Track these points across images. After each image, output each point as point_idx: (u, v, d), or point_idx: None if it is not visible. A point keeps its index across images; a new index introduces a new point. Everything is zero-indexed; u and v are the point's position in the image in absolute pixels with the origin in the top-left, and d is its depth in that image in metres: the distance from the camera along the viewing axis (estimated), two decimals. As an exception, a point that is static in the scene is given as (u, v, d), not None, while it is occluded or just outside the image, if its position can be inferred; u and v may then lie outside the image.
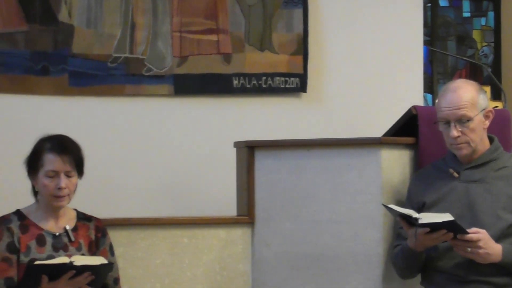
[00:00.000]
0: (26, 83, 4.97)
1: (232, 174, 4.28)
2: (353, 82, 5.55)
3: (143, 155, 5.17)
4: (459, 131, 3.44)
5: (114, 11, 5.15)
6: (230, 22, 5.33)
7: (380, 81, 5.59)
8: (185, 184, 5.19)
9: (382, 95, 5.53)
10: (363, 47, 5.58)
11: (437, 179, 3.56)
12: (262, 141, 4.12)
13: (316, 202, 3.94)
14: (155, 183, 5.15)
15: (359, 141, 3.91)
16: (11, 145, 4.78)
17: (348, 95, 5.52)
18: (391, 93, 5.52)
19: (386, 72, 5.60)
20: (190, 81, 5.26)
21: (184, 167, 5.21)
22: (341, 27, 5.56)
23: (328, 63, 5.54)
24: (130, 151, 5.15)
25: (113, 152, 5.07)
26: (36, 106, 4.98)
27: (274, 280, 4.01)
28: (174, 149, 5.21)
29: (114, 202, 4.89)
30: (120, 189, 5.06)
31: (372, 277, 3.83)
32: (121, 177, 5.09)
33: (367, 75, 5.58)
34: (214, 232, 4.05)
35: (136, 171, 5.14)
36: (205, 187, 5.15)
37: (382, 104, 5.41)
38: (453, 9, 6.80)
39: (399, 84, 5.60)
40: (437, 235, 3.33)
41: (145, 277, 3.94)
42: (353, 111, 5.46)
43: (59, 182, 3.43)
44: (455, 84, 3.53)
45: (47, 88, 5.02)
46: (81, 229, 3.55)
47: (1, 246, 3.40)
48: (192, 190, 5.17)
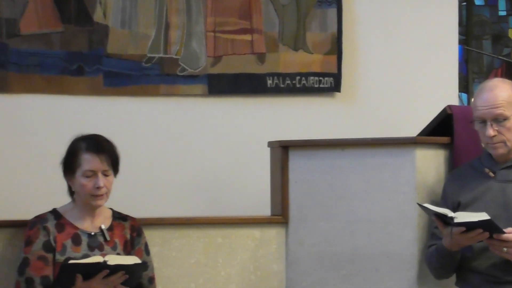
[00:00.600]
0: (62, 83, 5.00)
1: (266, 174, 4.29)
2: (387, 81, 5.53)
3: (177, 154, 5.18)
4: (495, 130, 3.43)
5: (148, 12, 5.17)
6: (264, 21, 5.33)
7: (414, 80, 5.56)
8: (219, 184, 5.19)
9: (416, 95, 5.50)
10: (397, 46, 5.56)
11: (472, 178, 3.55)
12: (296, 141, 4.12)
13: (350, 202, 3.95)
14: (189, 183, 5.16)
15: (394, 140, 3.91)
16: (46, 145, 4.81)
17: (382, 94, 5.50)
18: (425, 93, 5.49)
19: (420, 72, 5.58)
20: (224, 81, 5.27)
21: (218, 166, 5.21)
22: (375, 27, 5.54)
23: (362, 62, 5.52)
24: (164, 151, 5.16)
25: (147, 152, 5.08)
26: (71, 106, 5.00)
27: (308, 280, 4.01)
28: (208, 149, 5.22)
29: (148, 201, 4.90)
30: (154, 188, 5.07)
31: (407, 277, 3.82)
32: (155, 177, 5.10)
33: (402, 75, 5.55)
34: (248, 231, 4.06)
35: (170, 171, 5.15)
36: (239, 187, 5.15)
37: (417, 104, 5.39)
38: (488, 7, 6.76)
39: (434, 84, 5.57)
40: (473, 234, 3.31)
41: (179, 276, 3.96)
42: (387, 111, 5.44)
43: (97, 181, 3.46)
44: (491, 83, 3.51)
45: (82, 88, 5.04)
46: (116, 228, 3.58)
47: (38, 245, 3.44)
48: (226, 190, 5.17)
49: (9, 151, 4.89)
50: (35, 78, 4.95)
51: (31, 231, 3.47)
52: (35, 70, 4.95)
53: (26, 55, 4.92)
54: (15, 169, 4.88)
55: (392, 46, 5.55)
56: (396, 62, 5.55)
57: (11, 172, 4.88)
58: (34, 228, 3.48)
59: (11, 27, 4.90)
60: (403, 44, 5.57)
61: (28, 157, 4.90)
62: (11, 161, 4.89)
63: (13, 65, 4.90)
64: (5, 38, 4.89)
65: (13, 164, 4.89)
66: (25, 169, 4.88)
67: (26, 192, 4.79)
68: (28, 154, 4.90)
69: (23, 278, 3.41)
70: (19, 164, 4.89)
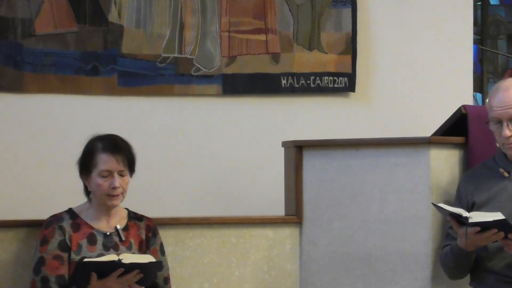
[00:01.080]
0: (76, 83, 5.02)
1: (280, 173, 4.30)
2: (402, 81, 5.52)
3: (192, 154, 5.19)
4: (511, 131, 3.42)
5: (163, 11, 5.18)
6: (278, 21, 5.33)
7: (429, 80, 5.55)
8: (233, 184, 5.20)
9: (431, 95, 5.49)
10: (412, 46, 5.55)
11: (487, 178, 3.54)
12: (310, 141, 4.13)
13: (364, 202, 3.95)
14: (204, 182, 5.17)
15: (408, 140, 3.91)
16: (61, 144, 4.83)
17: (397, 94, 5.50)
18: (440, 92, 5.48)
19: (435, 71, 5.57)
20: (239, 81, 5.27)
21: (232, 166, 5.22)
22: (390, 27, 5.54)
23: (377, 62, 5.52)
24: (179, 151, 5.17)
25: (162, 152, 5.09)
26: (86, 106, 5.02)
27: (322, 280, 4.01)
28: (222, 148, 5.23)
29: (162, 201, 4.92)
30: (168, 188, 5.09)
31: (421, 277, 3.82)
32: (170, 176, 5.11)
33: (416, 74, 5.55)
34: (262, 231, 4.07)
35: (184, 171, 5.16)
36: (253, 187, 5.16)
37: (431, 104, 5.38)
38: (503, 7, 6.74)
39: (449, 83, 5.56)
40: (488, 234, 3.31)
41: (193, 276, 3.96)
42: (402, 111, 5.43)
43: (113, 181, 3.47)
44: (507, 83, 3.50)
45: (97, 88, 5.06)
46: (132, 228, 3.59)
47: (53, 244, 3.45)
48: (240, 190, 5.18)
49: (24, 151, 4.92)
50: (50, 78, 4.97)
51: (47, 230, 3.49)
52: (50, 70, 4.97)
53: (41, 55, 4.95)
54: (30, 169, 4.91)
55: (406, 46, 5.54)
56: (410, 62, 5.55)
57: (26, 171, 4.90)
58: (50, 227, 3.49)
59: (26, 27, 4.92)
60: (418, 44, 5.56)
61: (43, 156, 4.92)
62: (26, 161, 4.91)
63: (28, 65, 4.93)
64: (20, 38, 4.91)
65: (28, 164, 4.91)
66: (40, 169, 4.90)
67: (42, 191, 4.82)
68: (43, 154, 4.93)
69: (39, 277, 3.42)
70: (34, 164, 4.91)
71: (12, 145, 4.91)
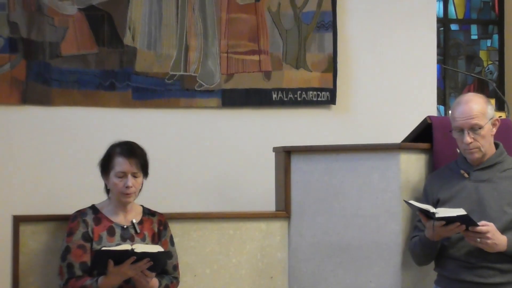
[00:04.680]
0: (96, 97, 5.01)
1: (271, 175, 4.28)
2: (376, 95, 5.52)
3: (195, 158, 5.18)
4: (472, 138, 3.42)
5: (170, 35, 5.18)
6: (270, 44, 5.34)
7: (399, 94, 5.55)
8: (231, 184, 5.19)
9: (401, 107, 5.50)
10: (385, 65, 5.56)
11: (450, 178, 3.54)
12: (298, 147, 4.11)
13: (344, 199, 3.93)
14: (206, 183, 5.16)
15: (381, 146, 3.89)
16: (84, 149, 4.82)
17: (372, 106, 5.50)
18: (409, 105, 5.48)
19: (405, 87, 5.57)
20: (236, 95, 5.27)
21: (230, 169, 5.21)
22: (365, 48, 5.55)
23: (355, 79, 5.52)
24: (184, 155, 5.16)
25: (170, 156, 5.08)
26: (104, 116, 5.01)
27: (307, 266, 4.00)
28: (222, 153, 5.22)
29: (170, 199, 4.90)
30: (175, 187, 5.07)
31: (393, 264, 3.81)
32: (177, 177, 5.10)
33: (388, 89, 5.55)
34: (256, 225, 4.05)
35: (190, 172, 5.15)
36: (248, 186, 5.14)
37: (401, 114, 5.38)
38: (462, 32, 6.75)
39: (416, 97, 5.56)
40: (452, 227, 3.31)
41: (197, 263, 3.95)
42: (376, 120, 5.43)
43: (127, 181, 3.47)
44: (467, 97, 3.50)
45: (114, 101, 5.05)
46: (146, 222, 3.58)
47: (78, 235, 3.45)
48: (237, 189, 5.17)
49: (53, 155, 4.91)
50: (74, 93, 4.97)
51: (73, 223, 3.49)
52: (74, 86, 4.97)
53: (66, 73, 4.95)
54: (58, 171, 4.90)
55: (380, 64, 5.55)
56: (383, 78, 5.55)
57: (55, 173, 4.90)
58: (75, 221, 3.49)
59: (54, 49, 4.93)
60: (390, 63, 5.57)
61: (69, 160, 4.92)
62: (54, 163, 4.91)
63: (55, 81, 4.93)
64: (49, 59, 4.92)
65: (56, 166, 4.91)
66: (67, 170, 4.90)
67: (68, 190, 4.81)
68: (69, 157, 4.92)
69: (65, 264, 3.42)
70: (62, 166, 4.91)
71: (42, 150, 4.90)
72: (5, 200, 4.73)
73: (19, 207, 4.43)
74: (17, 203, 4.66)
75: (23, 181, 4.84)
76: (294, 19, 5.38)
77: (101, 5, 5.02)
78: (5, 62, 4.84)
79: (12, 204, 4.59)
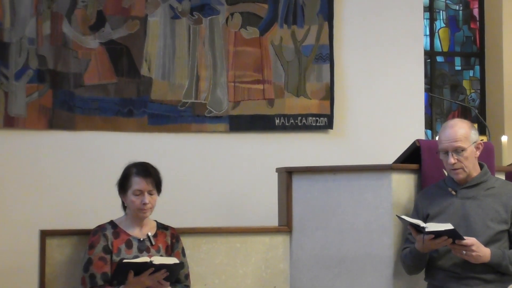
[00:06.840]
0: (116, 122, 5.02)
1: (274, 193, 4.27)
2: (370, 121, 5.52)
3: (205, 178, 5.17)
4: (455, 159, 3.43)
5: (183, 67, 5.20)
6: (273, 74, 5.35)
7: (390, 119, 5.56)
8: (238, 201, 5.18)
9: (392, 131, 5.49)
10: (377, 93, 5.56)
11: (438, 196, 3.54)
12: (298, 167, 4.11)
13: (340, 215, 3.92)
14: (215, 200, 5.15)
15: (374, 167, 3.89)
16: (104, 170, 4.80)
17: (365, 131, 5.50)
18: (399, 130, 5.48)
19: (395, 113, 5.58)
20: (242, 121, 5.28)
21: (237, 187, 5.20)
22: (360, 78, 5.56)
23: (350, 106, 5.52)
24: (195, 175, 5.16)
25: (182, 176, 5.08)
26: (123, 140, 5.01)
27: (307, 277, 3.99)
28: (229, 173, 5.21)
29: (182, 214, 4.87)
30: (187, 205, 5.06)
31: (385, 275, 3.80)
32: (188, 195, 5.09)
33: (381, 115, 5.55)
34: (261, 238, 4.03)
35: (200, 191, 5.14)
36: (253, 203, 5.13)
37: (392, 138, 5.37)
38: (447, 63, 6.78)
39: (406, 122, 5.56)
40: (440, 240, 3.31)
41: (207, 273, 3.93)
42: (369, 143, 5.43)
43: (144, 199, 3.47)
44: (452, 122, 3.51)
45: (132, 126, 5.06)
46: (160, 236, 3.57)
47: (99, 248, 3.45)
48: (243, 206, 5.16)
49: (76, 175, 4.92)
50: (96, 119, 4.98)
51: (94, 237, 3.48)
52: (96, 112, 4.99)
53: (88, 101, 4.97)
54: (81, 189, 4.90)
55: (373, 93, 5.56)
56: (376, 105, 5.56)
57: (78, 191, 4.90)
58: (96, 235, 3.49)
59: (78, 79, 4.95)
60: (382, 91, 5.58)
61: (90, 179, 4.92)
62: (77, 183, 4.91)
63: (79, 108, 4.95)
64: (73, 88, 4.94)
65: (79, 185, 4.91)
66: (88, 189, 4.90)
67: (89, 207, 4.79)
68: (90, 177, 4.92)
69: (88, 274, 3.42)
70: (84, 185, 4.91)
71: (67, 170, 4.91)
72: (33, 216, 4.73)
73: (45, 223, 4.41)
74: (44, 218, 4.65)
75: (49, 198, 4.84)
76: (295, 51, 5.40)
77: (120, 39, 5.05)
78: (34, 91, 4.86)
79: (40, 220, 4.58)
